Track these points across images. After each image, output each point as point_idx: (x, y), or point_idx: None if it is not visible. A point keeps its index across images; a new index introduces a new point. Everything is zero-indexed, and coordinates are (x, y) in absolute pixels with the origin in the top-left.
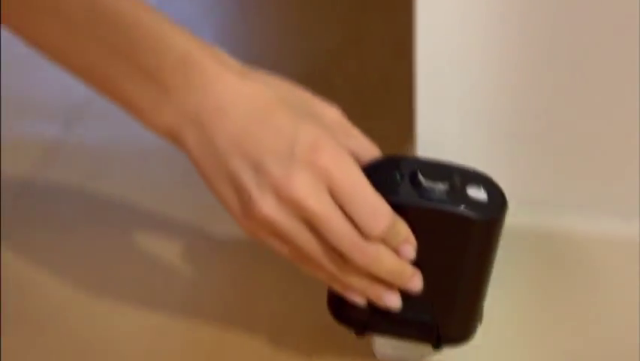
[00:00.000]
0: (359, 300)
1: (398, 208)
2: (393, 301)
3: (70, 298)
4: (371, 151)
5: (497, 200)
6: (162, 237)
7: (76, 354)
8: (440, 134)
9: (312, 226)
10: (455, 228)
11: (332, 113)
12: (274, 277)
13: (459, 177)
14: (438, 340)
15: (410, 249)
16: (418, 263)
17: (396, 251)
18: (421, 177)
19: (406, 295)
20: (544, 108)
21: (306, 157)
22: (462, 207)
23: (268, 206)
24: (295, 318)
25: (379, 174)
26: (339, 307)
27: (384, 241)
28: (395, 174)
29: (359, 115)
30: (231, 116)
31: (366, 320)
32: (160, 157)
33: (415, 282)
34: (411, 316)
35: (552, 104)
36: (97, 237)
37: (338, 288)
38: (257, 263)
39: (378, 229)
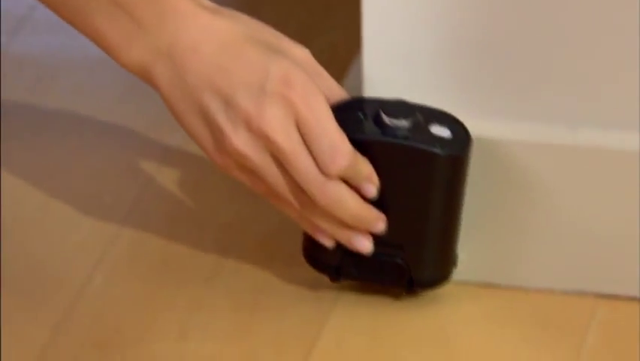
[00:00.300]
0: (328, 242)
1: (362, 146)
2: (363, 245)
3: (17, 209)
4: (338, 92)
5: (461, 137)
6: (109, 148)
7: (27, 267)
8: (387, 44)
9: (279, 160)
10: (419, 164)
11: (301, 52)
12: (222, 188)
13: (422, 115)
14: (410, 283)
15: (372, 187)
16: (385, 204)
17: (358, 190)
18: (384, 116)
19: (377, 238)
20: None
21: (278, 90)
22: (425, 143)
23: (239, 139)
24: (243, 229)
25: (343, 114)
26: (311, 252)
27: (346, 181)
28: (359, 114)
29: (310, 28)
30: (203, 52)
31: (337, 264)
32: (106, 66)
33: (379, 226)
34: (383, 259)
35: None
36: (42, 147)
37: (307, 228)
38: (204, 174)
39: (337, 167)
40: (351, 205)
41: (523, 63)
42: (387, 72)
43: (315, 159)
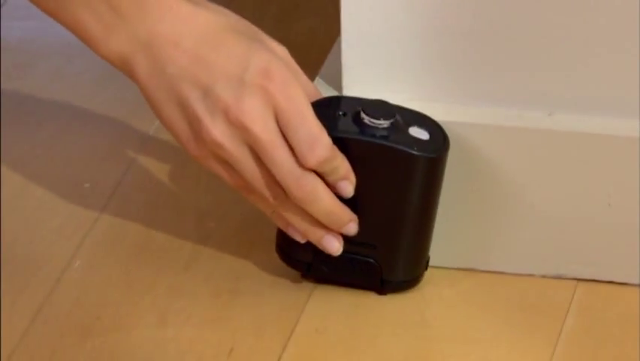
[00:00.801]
0: (299, 238)
1: (340, 144)
2: (332, 245)
3: None
4: (313, 92)
5: (439, 139)
6: (88, 134)
7: (6, 253)
8: (365, 29)
9: (257, 152)
10: (396, 165)
11: (280, 49)
12: (201, 175)
13: (402, 117)
14: (382, 285)
15: (348, 185)
16: (361, 203)
17: (335, 188)
18: (364, 115)
19: (350, 238)
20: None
21: (257, 82)
22: (403, 144)
23: (217, 130)
24: (222, 215)
25: (323, 110)
26: (284, 247)
27: (323, 177)
28: (338, 112)
29: (289, 13)
30: (184, 44)
31: (310, 261)
32: (84, 53)
33: (351, 227)
34: (355, 259)
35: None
36: (20, 133)
37: (280, 224)
38: (184, 160)
39: (315, 157)
40: (325, 201)
41: (498, 47)
42: (365, 57)
43: (293, 150)
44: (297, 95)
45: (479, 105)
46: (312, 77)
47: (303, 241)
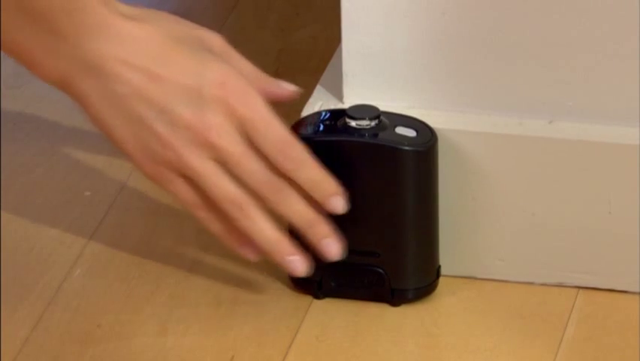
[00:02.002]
0: (253, 256)
1: (329, 148)
2: (295, 264)
3: None
4: (255, 74)
5: (426, 135)
6: (88, 141)
7: (7, 262)
8: (365, 37)
9: (227, 166)
10: (387, 163)
11: (217, 40)
12: None
13: (387, 119)
14: (392, 295)
15: (338, 201)
16: (356, 210)
17: (326, 206)
18: (349, 120)
19: (353, 248)
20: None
21: (216, 95)
22: (391, 141)
23: (184, 149)
24: None
25: (309, 119)
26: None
27: (311, 194)
28: (324, 121)
29: (290, 21)
30: (132, 62)
31: (319, 280)
32: None
33: (323, 228)
34: (362, 270)
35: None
36: (20, 141)
37: (233, 243)
38: None
39: (289, 160)
40: (301, 205)
41: (498, 55)
42: (365, 65)
43: (266, 156)
44: (257, 101)
45: (480, 113)
46: (312, 85)
47: (255, 260)
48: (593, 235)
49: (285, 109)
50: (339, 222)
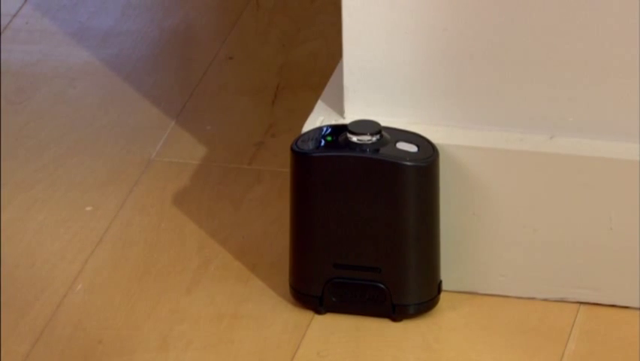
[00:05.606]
0: None
1: (331, 163)
2: None
3: None
4: None
5: (427, 150)
6: (90, 157)
7: (8, 277)
8: (366, 54)
9: None
10: (389, 178)
11: None
12: (203, 198)
13: (389, 134)
14: (393, 310)
15: None
16: (359, 225)
17: None
18: (350, 135)
19: (356, 263)
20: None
21: None
22: (393, 157)
23: None
24: (224, 238)
25: (310, 135)
26: (294, 284)
27: None
28: (327, 135)
29: (291, 37)
30: None
31: (320, 295)
32: (86, 76)
33: None
34: (363, 285)
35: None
36: (22, 157)
37: None
38: (186, 184)
39: None
40: None
41: (499, 71)
42: (366, 81)
43: None
44: None
45: (481, 129)
46: (313, 100)
47: None
48: (595, 250)
49: (287, 124)
50: (340, 237)
